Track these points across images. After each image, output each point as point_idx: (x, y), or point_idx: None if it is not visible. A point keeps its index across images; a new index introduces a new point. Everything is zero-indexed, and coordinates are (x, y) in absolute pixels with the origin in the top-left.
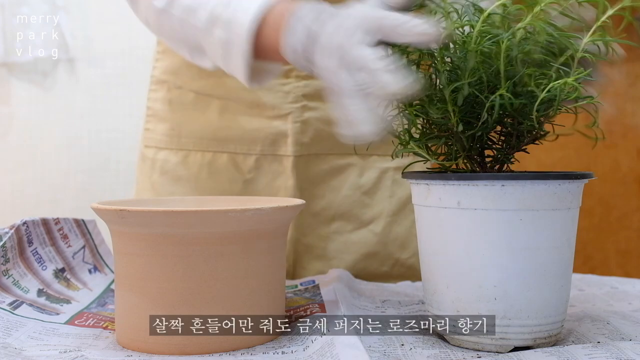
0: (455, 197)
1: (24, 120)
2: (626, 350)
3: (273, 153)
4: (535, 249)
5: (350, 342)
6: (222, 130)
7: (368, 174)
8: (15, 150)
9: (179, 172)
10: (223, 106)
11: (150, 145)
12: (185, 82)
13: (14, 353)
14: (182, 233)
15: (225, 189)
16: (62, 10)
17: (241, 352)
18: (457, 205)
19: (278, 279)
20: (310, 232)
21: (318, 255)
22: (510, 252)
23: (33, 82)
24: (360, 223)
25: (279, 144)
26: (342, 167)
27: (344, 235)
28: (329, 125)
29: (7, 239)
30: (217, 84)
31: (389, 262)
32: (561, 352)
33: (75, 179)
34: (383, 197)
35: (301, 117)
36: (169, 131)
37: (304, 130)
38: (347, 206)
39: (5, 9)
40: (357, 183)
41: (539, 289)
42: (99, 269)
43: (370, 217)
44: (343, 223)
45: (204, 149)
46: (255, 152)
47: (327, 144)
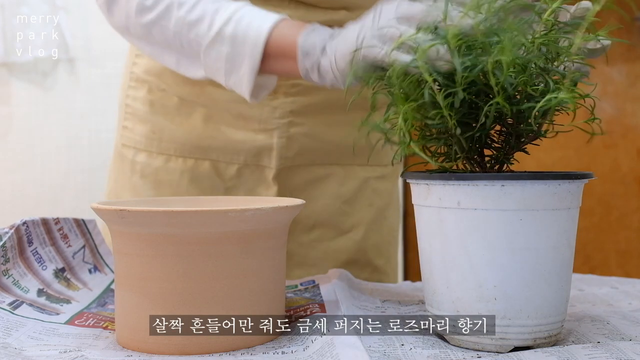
0: (456, 197)
1: (24, 120)
2: (626, 350)
3: (256, 164)
4: (535, 249)
5: (350, 342)
6: (206, 139)
7: (349, 184)
8: (15, 150)
9: (160, 177)
10: (207, 115)
11: (128, 145)
12: (170, 86)
13: (14, 353)
14: (182, 233)
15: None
16: (62, 10)
17: (241, 352)
18: (457, 205)
19: (278, 279)
20: (291, 239)
21: (299, 262)
22: (510, 252)
23: (33, 82)
24: (340, 231)
25: (262, 156)
26: (324, 176)
27: (324, 243)
28: (313, 140)
29: (7, 239)
30: (202, 92)
31: (368, 269)
32: (561, 352)
33: (75, 179)
34: (363, 205)
35: (287, 132)
36: (149, 133)
37: (289, 146)
38: (328, 215)
39: (5, 9)
40: (337, 192)
41: (539, 289)
42: (99, 269)
43: (350, 225)
44: (323, 231)
45: (185, 155)
46: (238, 162)
47: (311, 156)
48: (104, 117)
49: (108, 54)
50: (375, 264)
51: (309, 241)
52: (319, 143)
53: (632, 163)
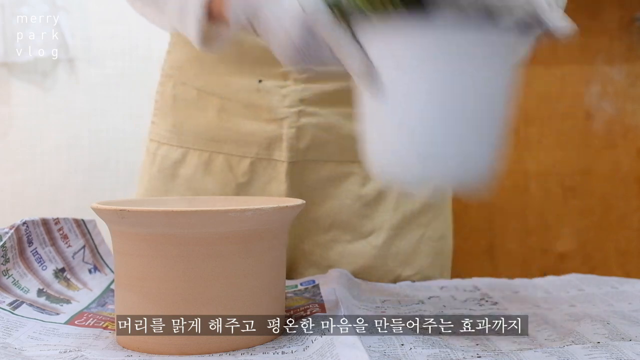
0: (390, 51)
1: (24, 120)
2: (626, 350)
3: (268, 157)
4: (465, 95)
5: (350, 342)
6: (220, 130)
7: (371, 184)
8: (15, 150)
9: (176, 171)
10: (221, 106)
11: (154, 139)
12: (189, 79)
13: (14, 353)
14: (182, 233)
15: (217, 192)
16: (62, 10)
17: (241, 352)
18: (392, 56)
19: (278, 279)
20: (308, 238)
21: (315, 262)
22: (439, 99)
23: (33, 82)
24: (359, 234)
25: (273, 149)
26: (343, 175)
27: (341, 244)
28: (327, 132)
29: (7, 239)
30: (218, 82)
31: (389, 278)
32: (561, 352)
33: (75, 179)
34: (386, 209)
35: (297, 122)
36: (171, 127)
37: (300, 136)
38: (346, 216)
39: (5, 9)
40: (358, 193)
41: (464, 135)
42: (99, 269)
43: (370, 229)
44: (341, 232)
45: (202, 148)
46: (250, 155)
47: (325, 151)
48: (104, 117)
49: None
50: (398, 273)
51: (326, 241)
52: (335, 137)
53: (632, 163)
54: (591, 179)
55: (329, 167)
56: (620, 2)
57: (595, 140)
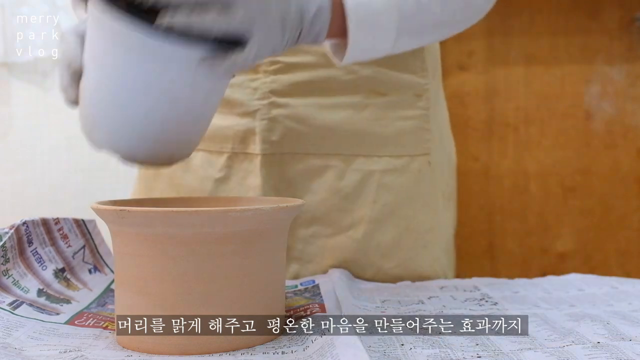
0: None
1: (24, 120)
2: (626, 351)
3: (243, 151)
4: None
5: (350, 342)
6: None
7: (349, 177)
8: (15, 150)
9: (159, 169)
10: None
11: None
12: None
13: (14, 353)
14: (182, 233)
15: (196, 188)
16: (62, 10)
17: (241, 352)
18: None
19: (278, 279)
20: (289, 233)
21: (295, 257)
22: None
23: (33, 82)
24: (338, 228)
25: (248, 142)
26: (320, 168)
27: (321, 239)
28: (301, 124)
29: (7, 239)
30: None
31: (370, 270)
32: (561, 352)
33: (75, 179)
34: (365, 202)
35: (269, 114)
36: None
37: (272, 128)
38: (325, 210)
39: (5, 9)
40: (335, 187)
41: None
42: (99, 269)
43: (350, 222)
44: (320, 227)
45: None
46: (227, 150)
47: (300, 144)
48: None
49: None
50: (378, 265)
51: (306, 236)
52: (308, 128)
53: (632, 163)
54: (591, 179)
55: (305, 161)
56: (620, 2)
57: (595, 140)
